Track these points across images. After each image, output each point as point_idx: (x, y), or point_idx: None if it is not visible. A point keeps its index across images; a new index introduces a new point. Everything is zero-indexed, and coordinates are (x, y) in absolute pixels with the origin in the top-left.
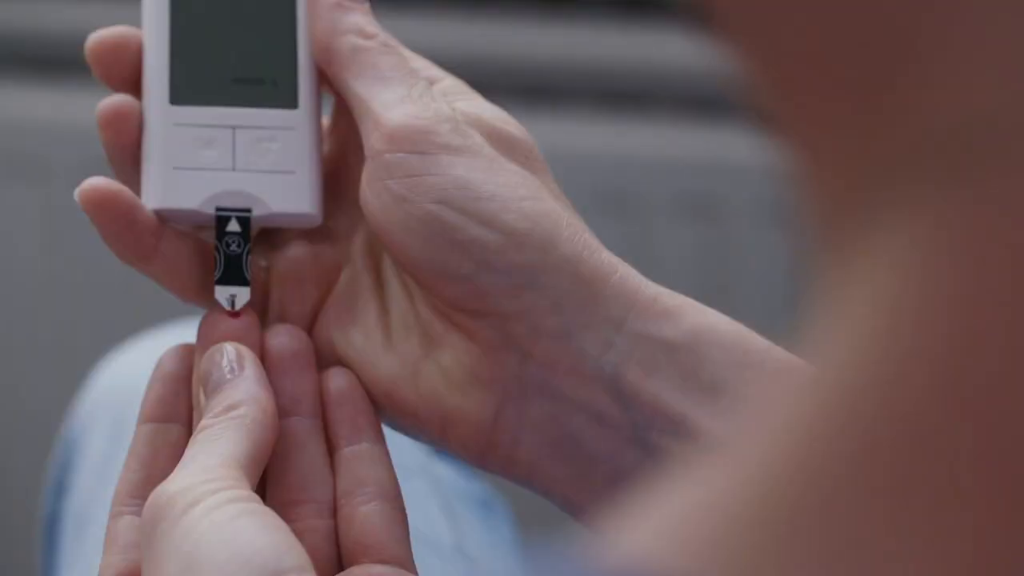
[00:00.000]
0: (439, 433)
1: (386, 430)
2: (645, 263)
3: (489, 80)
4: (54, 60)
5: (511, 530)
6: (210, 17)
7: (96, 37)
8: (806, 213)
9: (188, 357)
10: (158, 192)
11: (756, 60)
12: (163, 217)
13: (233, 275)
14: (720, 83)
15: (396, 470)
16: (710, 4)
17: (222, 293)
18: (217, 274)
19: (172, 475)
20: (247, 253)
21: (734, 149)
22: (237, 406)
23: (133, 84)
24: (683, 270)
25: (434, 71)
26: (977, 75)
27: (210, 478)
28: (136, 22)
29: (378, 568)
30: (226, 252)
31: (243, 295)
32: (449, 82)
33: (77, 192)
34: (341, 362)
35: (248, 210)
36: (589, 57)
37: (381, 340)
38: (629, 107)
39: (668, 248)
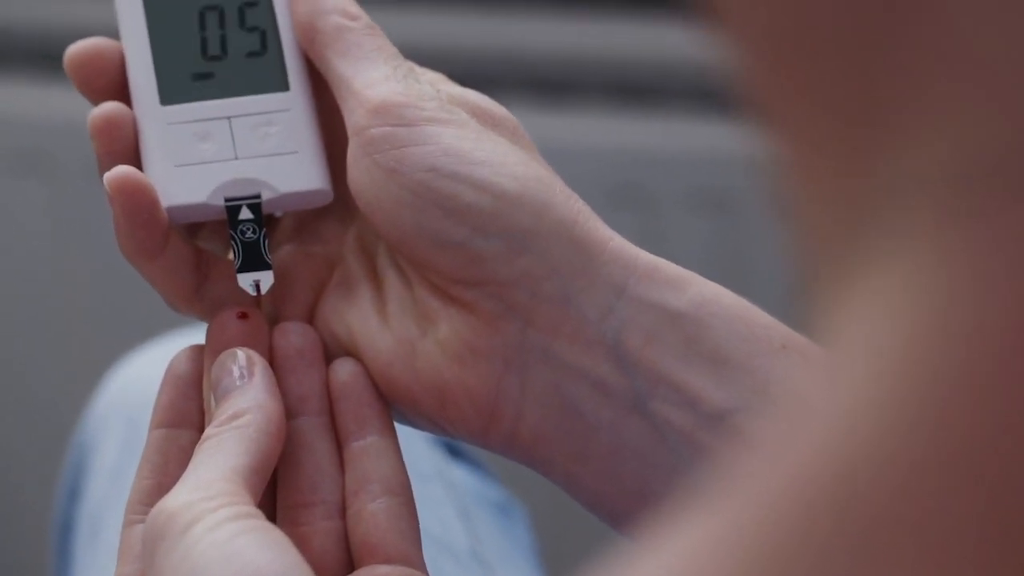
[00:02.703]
0: (438, 412)
1: (400, 431)
2: (658, 256)
3: (500, 75)
4: (62, 56)
5: (528, 535)
6: (185, 13)
7: (72, 50)
8: (804, 240)
9: (198, 359)
10: (164, 191)
11: (756, 84)
12: (172, 215)
13: (253, 261)
14: (727, 75)
15: (412, 477)
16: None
17: (245, 280)
18: (237, 263)
19: (173, 490)
20: (264, 237)
21: (747, 142)
22: (241, 414)
23: (114, 92)
24: (697, 264)
25: (417, 66)
26: (978, 107)
27: (210, 494)
28: None
29: (382, 569)
30: (242, 240)
31: (267, 279)
32: (433, 74)
33: (107, 178)
34: (343, 349)
35: (257, 196)
36: (601, 51)
37: (377, 323)
38: (642, 101)
39: (682, 242)
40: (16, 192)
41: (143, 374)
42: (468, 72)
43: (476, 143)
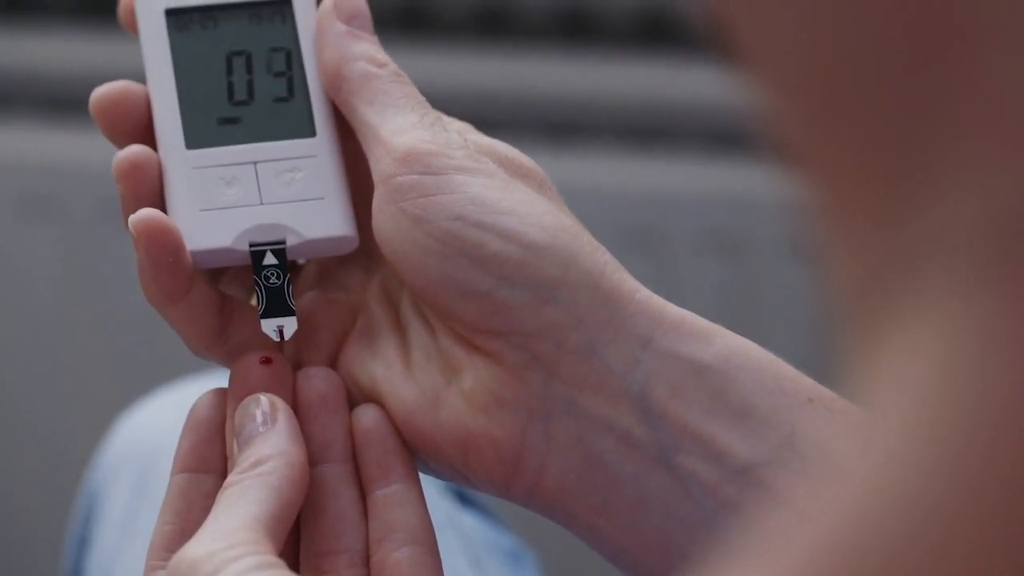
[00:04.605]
0: (461, 461)
1: None
2: (670, 299)
3: (511, 117)
4: (71, 101)
5: None
6: (213, 58)
7: (98, 93)
8: (836, 293)
9: (221, 404)
10: (189, 235)
11: (788, 137)
12: (197, 260)
13: (277, 307)
14: (744, 119)
15: None
16: (739, 48)
17: (268, 326)
18: (261, 308)
19: (194, 538)
20: (288, 283)
21: (759, 185)
22: (264, 461)
23: (140, 135)
24: (708, 306)
25: (444, 115)
26: (1013, 163)
27: (232, 543)
28: None
29: None
30: (266, 285)
31: (290, 325)
32: (460, 123)
33: (132, 220)
34: (365, 397)
35: (282, 242)
36: (613, 93)
37: (401, 371)
38: (654, 143)
39: (693, 284)
40: (26, 236)
41: (152, 421)
42: (479, 114)
43: (503, 193)
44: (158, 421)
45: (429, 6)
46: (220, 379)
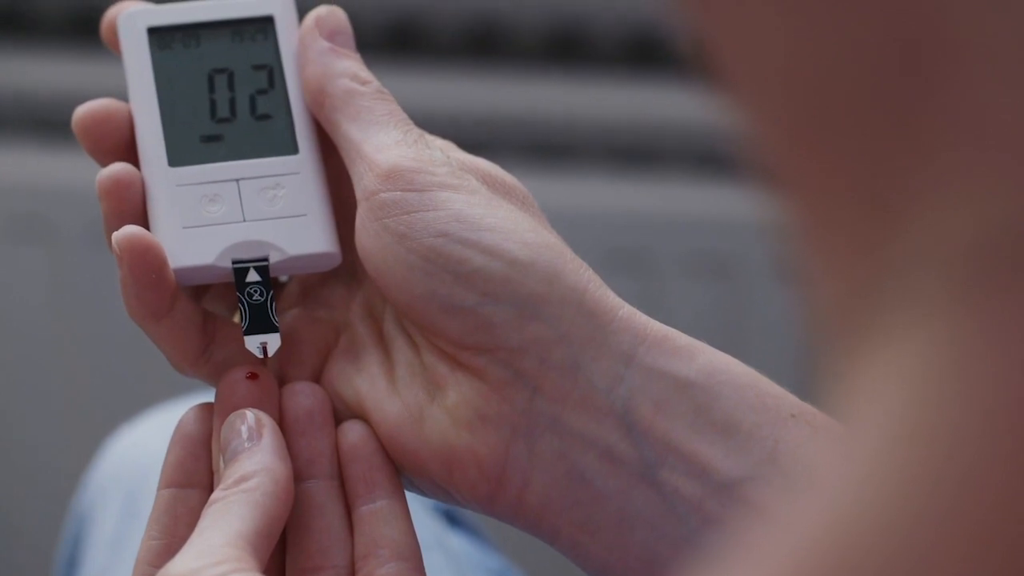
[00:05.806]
0: (445, 478)
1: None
2: (657, 319)
3: (498, 138)
4: (59, 121)
5: None
6: (195, 76)
7: (82, 111)
8: (817, 311)
9: (207, 418)
10: (172, 252)
11: (769, 156)
12: (180, 277)
13: (261, 323)
14: (730, 141)
15: None
16: (722, 70)
17: (252, 342)
18: (244, 325)
19: (178, 555)
20: (271, 300)
21: (745, 206)
22: (249, 477)
23: (123, 153)
24: (695, 326)
25: (427, 134)
26: (994, 181)
27: (215, 560)
28: None
29: None
30: (249, 302)
31: (274, 341)
32: (443, 141)
33: (115, 237)
34: (350, 413)
35: (265, 258)
36: (601, 115)
37: (385, 387)
38: (642, 165)
39: (682, 306)
40: (13, 258)
41: (142, 442)
42: (466, 135)
43: (487, 209)
44: (147, 442)
45: (417, 28)
46: (210, 400)
